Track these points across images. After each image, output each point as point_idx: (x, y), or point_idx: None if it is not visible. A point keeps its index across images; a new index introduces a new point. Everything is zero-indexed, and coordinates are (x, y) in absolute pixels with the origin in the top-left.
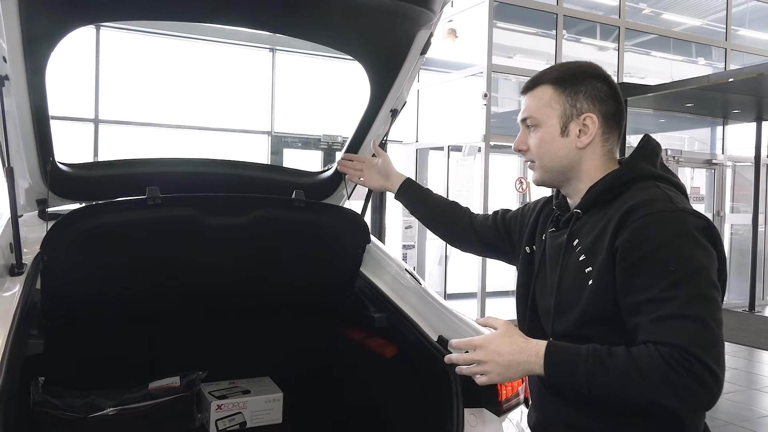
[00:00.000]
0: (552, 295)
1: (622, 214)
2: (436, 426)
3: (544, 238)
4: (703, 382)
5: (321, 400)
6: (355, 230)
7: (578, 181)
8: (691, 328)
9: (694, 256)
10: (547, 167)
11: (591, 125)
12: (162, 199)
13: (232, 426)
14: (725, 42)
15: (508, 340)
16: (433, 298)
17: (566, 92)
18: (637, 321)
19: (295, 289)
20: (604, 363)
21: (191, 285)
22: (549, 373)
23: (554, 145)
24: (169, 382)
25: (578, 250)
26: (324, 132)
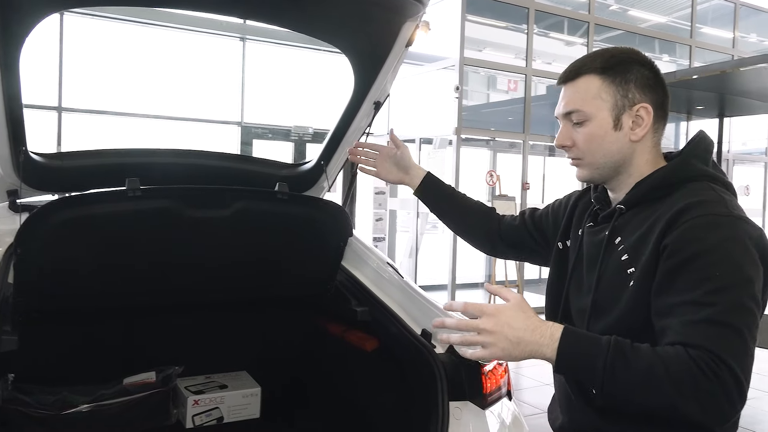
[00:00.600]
0: (589, 294)
1: (674, 214)
2: (420, 419)
3: (581, 233)
4: (729, 394)
5: (299, 394)
6: (338, 223)
7: (627, 176)
8: (727, 335)
9: (742, 265)
10: (598, 164)
11: (645, 116)
12: (142, 191)
13: (209, 421)
14: (690, 39)
15: (522, 314)
16: (416, 292)
17: (616, 81)
18: (668, 323)
19: (276, 283)
20: (627, 357)
21: (170, 279)
22: (561, 359)
23: (607, 139)
24: (145, 378)
25: (620, 249)
26: (295, 123)
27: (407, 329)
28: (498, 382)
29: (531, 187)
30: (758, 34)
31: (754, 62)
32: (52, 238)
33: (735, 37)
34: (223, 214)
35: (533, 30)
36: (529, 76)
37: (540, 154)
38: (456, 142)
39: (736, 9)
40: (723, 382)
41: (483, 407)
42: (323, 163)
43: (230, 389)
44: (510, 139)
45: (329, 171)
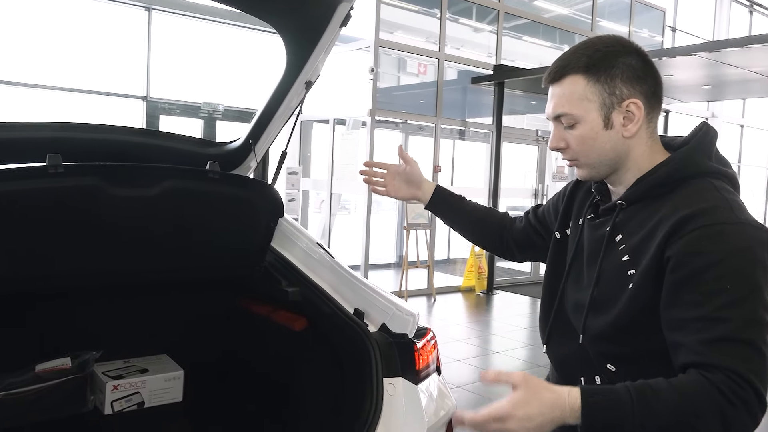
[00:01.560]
0: (588, 288)
1: (678, 222)
2: (354, 396)
3: (581, 224)
4: (753, 412)
5: (225, 376)
6: (268, 203)
7: (625, 170)
8: (746, 353)
9: (754, 275)
10: (594, 164)
11: (636, 111)
12: (64, 168)
13: (130, 407)
14: (591, 32)
15: (535, 400)
16: (347, 272)
17: (601, 80)
18: (681, 339)
19: (203, 265)
20: (651, 405)
21: (91, 261)
22: (587, 427)
23: (599, 140)
24: (59, 364)
25: (622, 249)
26: (204, 100)
27: (340, 309)
28: (428, 358)
29: (442, 170)
30: (650, 30)
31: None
32: None
33: (630, 31)
34: (150, 193)
35: (446, 15)
36: (441, 61)
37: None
38: (370, 124)
39: (631, 4)
40: (747, 402)
41: (416, 383)
42: (252, 143)
43: (151, 373)
44: (422, 122)
45: (257, 150)
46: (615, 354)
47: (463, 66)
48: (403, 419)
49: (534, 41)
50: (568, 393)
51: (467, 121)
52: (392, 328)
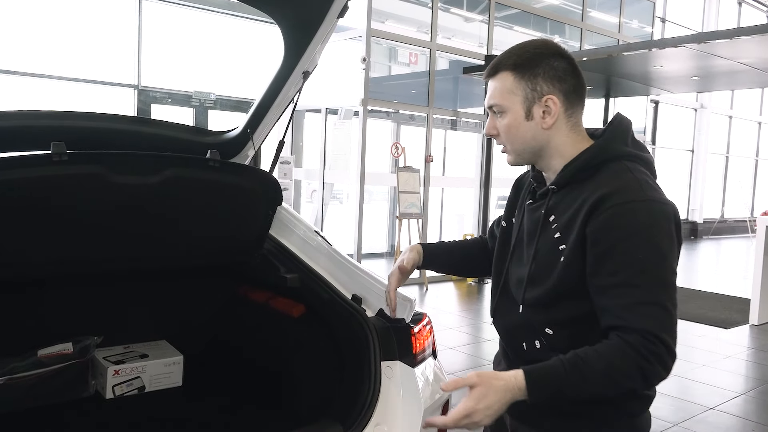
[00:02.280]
0: (527, 265)
1: (595, 202)
2: (352, 379)
3: (522, 211)
4: (665, 363)
5: (224, 361)
6: (267, 191)
7: (549, 158)
8: (656, 313)
9: (661, 245)
10: (518, 150)
11: (553, 106)
12: (69, 156)
13: (131, 391)
14: (581, 22)
15: (490, 391)
16: (344, 258)
17: (525, 77)
18: (604, 303)
19: (203, 252)
20: (582, 372)
21: (92, 248)
22: (534, 399)
23: (521, 129)
24: (61, 349)
25: (554, 227)
26: (196, 89)
27: (338, 294)
28: (425, 343)
29: (434, 160)
30: (639, 21)
31: (638, 48)
32: None
33: (620, 21)
34: (152, 181)
35: (438, 5)
36: (433, 51)
37: (442, 128)
38: (363, 114)
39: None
40: (660, 357)
41: (412, 366)
42: (249, 132)
43: (151, 358)
44: (414, 111)
45: (255, 139)
46: (551, 319)
47: (455, 56)
48: (401, 401)
49: (525, 31)
50: (515, 377)
51: (459, 111)
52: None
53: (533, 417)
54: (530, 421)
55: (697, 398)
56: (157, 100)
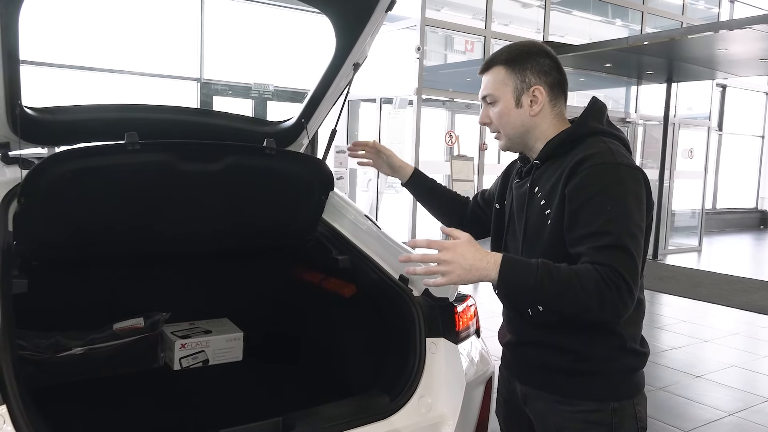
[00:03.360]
0: (520, 236)
1: (573, 165)
2: (398, 354)
3: (512, 190)
4: (623, 297)
5: (280, 338)
6: (320, 177)
7: (535, 141)
8: (621, 255)
9: (626, 200)
10: (509, 135)
11: (539, 95)
12: (141, 145)
13: (195, 363)
14: (642, 5)
15: (472, 248)
16: (393, 241)
17: (516, 70)
18: (579, 249)
19: (259, 234)
20: (551, 272)
21: (161, 230)
22: (503, 278)
23: (512, 116)
24: (134, 323)
25: (539, 196)
26: (255, 80)
27: (387, 275)
28: (468, 321)
29: (488, 148)
30: (706, 2)
31: (702, 30)
32: (54, 188)
33: (685, 3)
34: (215, 168)
35: None
36: (488, 38)
37: None
38: (417, 103)
39: None
40: (619, 289)
41: (456, 343)
42: (304, 121)
43: (214, 334)
44: (469, 100)
45: (309, 128)
46: None
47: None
48: (444, 375)
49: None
50: (494, 255)
51: None
52: (434, 292)
53: (542, 379)
54: (540, 384)
55: (758, 389)
56: (219, 93)
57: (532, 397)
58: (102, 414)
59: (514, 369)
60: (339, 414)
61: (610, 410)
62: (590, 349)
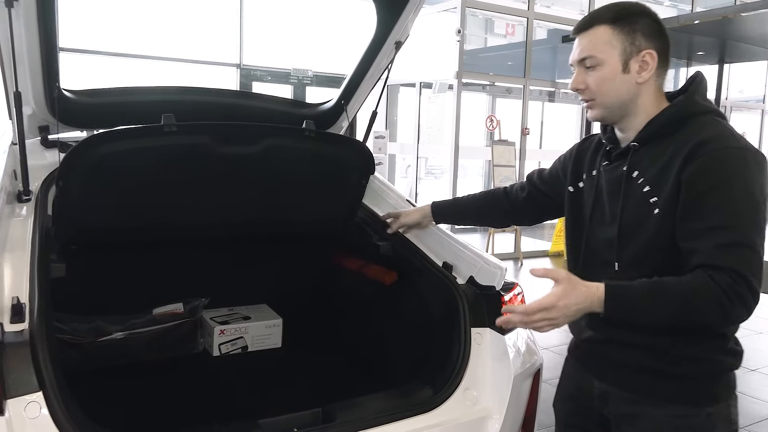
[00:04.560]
0: (614, 224)
1: (691, 148)
2: (442, 344)
3: (595, 174)
4: (747, 304)
5: (318, 326)
6: (361, 160)
7: (635, 116)
8: (747, 255)
9: (755, 190)
10: (607, 104)
11: (651, 61)
12: (177, 127)
13: (234, 350)
14: None
15: (574, 293)
16: (436, 227)
17: (624, 30)
18: (695, 245)
19: (299, 219)
20: (661, 297)
21: (199, 214)
22: (609, 314)
23: (616, 81)
24: (173, 308)
25: (641, 182)
26: (294, 66)
27: (430, 262)
28: None
29: (530, 133)
30: None
31: (757, 7)
32: (92, 170)
33: None
34: (253, 151)
35: None
36: (531, 20)
37: (539, 100)
38: (457, 87)
39: None
40: (742, 298)
41: (503, 333)
42: (343, 103)
43: (253, 320)
44: (511, 83)
45: (349, 110)
46: (648, 273)
47: (554, 24)
48: (490, 367)
49: None
50: (597, 287)
51: (558, 82)
52: (480, 280)
53: (628, 378)
54: (624, 384)
55: None
56: (258, 78)
57: (615, 398)
58: (140, 399)
59: (594, 366)
60: (380, 406)
61: (704, 415)
62: (689, 351)
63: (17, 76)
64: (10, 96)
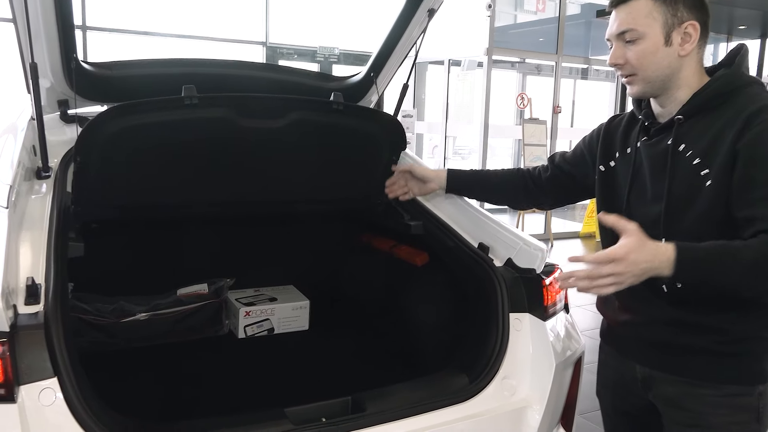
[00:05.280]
0: (661, 201)
1: (747, 117)
2: (478, 331)
3: (630, 151)
4: None
5: (347, 308)
6: (392, 136)
7: (676, 89)
8: None
9: None
10: (649, 78)
11: (693, 32)
12: (199, 99)
13: (261, 332)
14: None
15: (644, 248)
16: (471, 206)
17: (666, 2)
18: (754, 213)
19: (327, 197)
20: (734, 258)
21: (222, 191)
22: (679, 276)
23: (658, 55)
24: (198, 289)
25: (689, 155)
26: (320, 44)
27: (464, 243)
28: (556, 296)
29: (562, 111)
30: None
31: None
32: (110, 145)
33: None
34: (278, 125)
35: None
36: None
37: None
38: (487, 63)
39: None
40: None
41: (543, 319)
42: (373, 75)
43: (279, 302)
44: (542, 60)
45: (379, 83)
46: None
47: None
48: (530, 356)
49: None
50: (666, 247)
51: (591, 58)
52: (519, 262)
53: (675, 361)
54: (671, 367)
55: None
56: (284, 56)
57: (660, 381)
58: (163, 382)
59: (634, 350)
60: (413, 395)
61: (756, 394)
62: (741, 328)
63: (33, 47)
64: (27, 68)
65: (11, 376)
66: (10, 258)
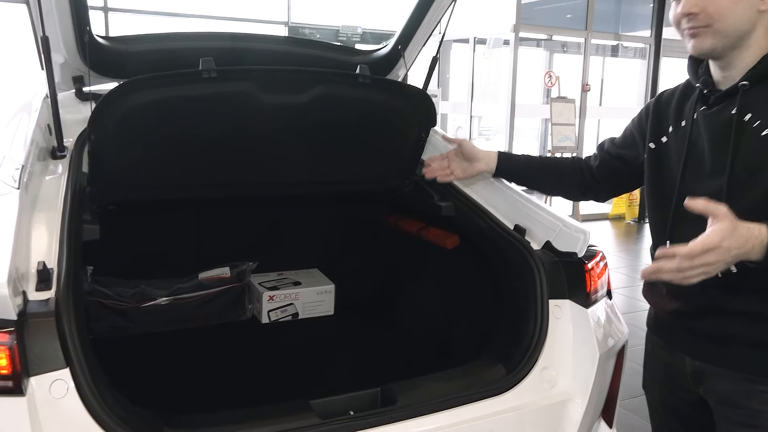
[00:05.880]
0: (722, 175)
1: None
2: (515, 318)
3: (685, 124)
4: None
5: (374, 293)
6: (421, 111)
7: (745, 49)
8: None
9: None
10: (725, 32)
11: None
12: (218, 72)
13: (285, 317)
14: None
15: (736, 233)
16: (506, 186)
17: None
18: None
19: (352, 177)
20: None
21: (244, 170)
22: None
23: (739, 6)
24: (220, 273)
25: (757, 124)
26: (343, 23)
27: (498, 224)
28: (598, 281)
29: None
30: None
31: None
32: (124, 122)
33: None
34: (302, 100)
35: None
36: None
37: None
38: (514, 41)
39: None
40: None
41: (585, 306)
42: (401, 48)
43: (304, 286)
44: (571, 37)
45: (407, 56)
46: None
47: None
48: (572, 345)
49: None
50: (759, 229)
51: (621, 34)
52: (558, 246)
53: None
54: (726, 361)
55: None
56: (306, 36)
57: (713, 376)
58: (184, 368)
59: (684, 342)
60: (446, 388)
61: None
62: None
63: (44, 20)
64: (39, 42)
65: (20, 367)
66: (20, 241)
